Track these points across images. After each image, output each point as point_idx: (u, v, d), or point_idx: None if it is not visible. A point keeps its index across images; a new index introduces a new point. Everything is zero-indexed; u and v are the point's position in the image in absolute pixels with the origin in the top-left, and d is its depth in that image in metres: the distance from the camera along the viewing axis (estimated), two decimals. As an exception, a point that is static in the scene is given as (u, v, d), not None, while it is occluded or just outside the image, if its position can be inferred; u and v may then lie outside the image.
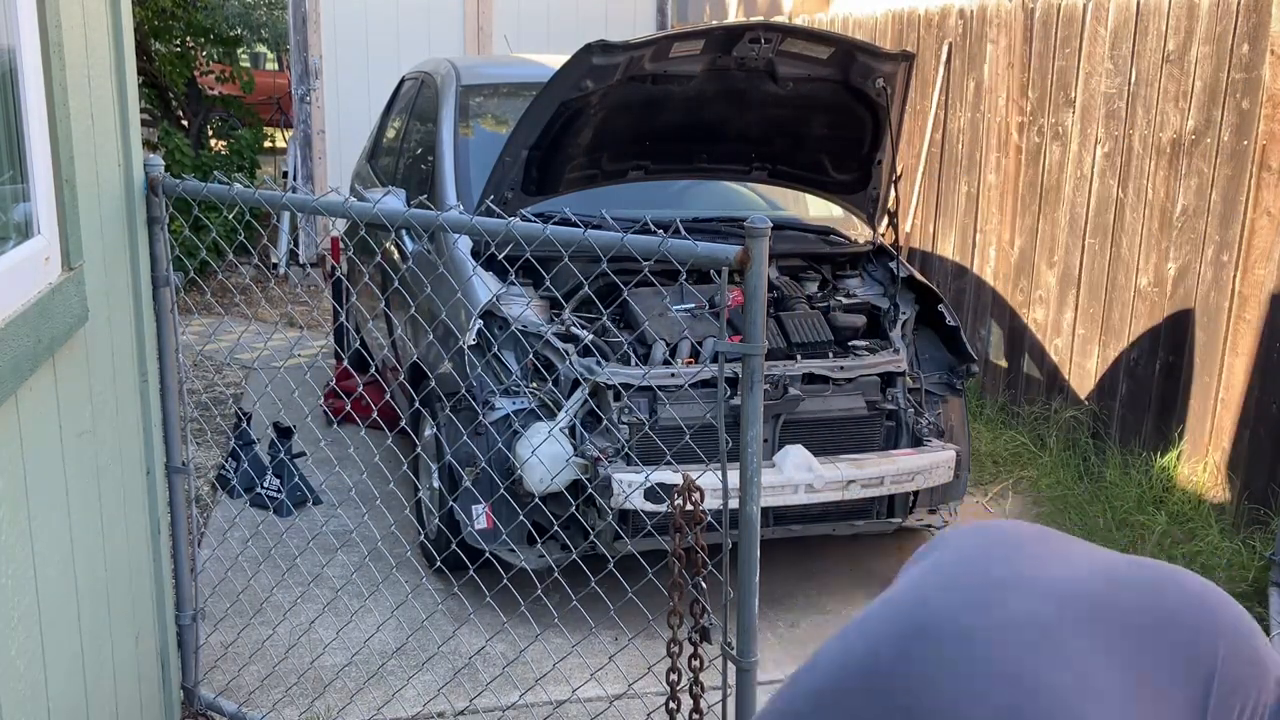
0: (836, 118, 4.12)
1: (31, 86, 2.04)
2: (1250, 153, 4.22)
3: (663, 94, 3.87)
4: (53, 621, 2.04)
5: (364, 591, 3.79)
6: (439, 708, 3.23)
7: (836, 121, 4.14)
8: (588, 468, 3.57)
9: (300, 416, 5.06)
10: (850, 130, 4.18)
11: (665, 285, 3.93)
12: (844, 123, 4.14)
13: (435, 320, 4.05)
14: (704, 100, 3.96)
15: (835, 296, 4.29)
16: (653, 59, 3.67)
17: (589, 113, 3.81)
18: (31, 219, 2.08)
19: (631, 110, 3.91)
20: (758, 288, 2.14)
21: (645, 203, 4.46)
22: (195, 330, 7.25)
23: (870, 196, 4.38)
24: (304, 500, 4.64)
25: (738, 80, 3.90)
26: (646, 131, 4.09)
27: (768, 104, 4.04)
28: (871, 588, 4.10)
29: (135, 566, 2.70)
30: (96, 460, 2.36)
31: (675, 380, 3.64)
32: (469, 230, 2.50)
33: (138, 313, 2.74)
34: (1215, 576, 3.90)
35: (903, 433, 3.94)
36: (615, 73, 3.64)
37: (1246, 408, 4.23)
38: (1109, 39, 4.94)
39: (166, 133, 9.38)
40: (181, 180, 2.81)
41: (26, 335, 1.88)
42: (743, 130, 4.18)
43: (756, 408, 2.20)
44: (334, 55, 8.83)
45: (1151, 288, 4.73)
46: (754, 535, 2.25)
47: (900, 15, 6.70)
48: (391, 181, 5.36)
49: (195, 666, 3.13)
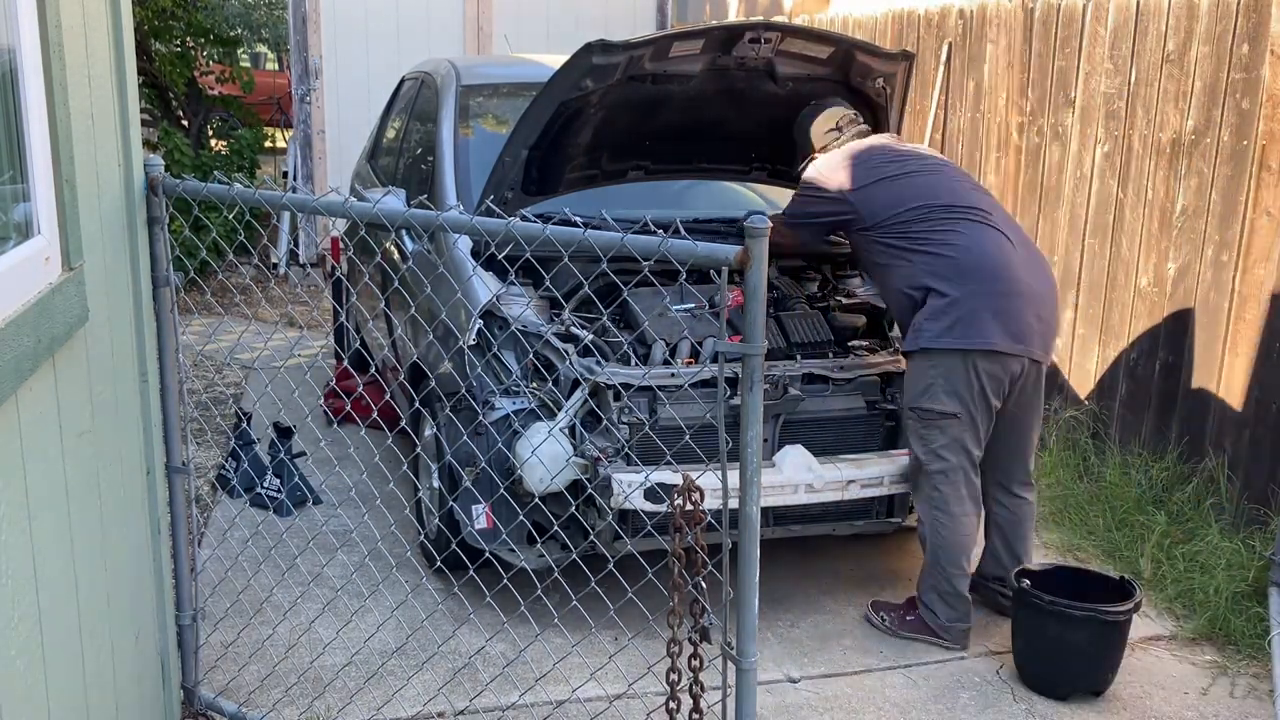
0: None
1: (31, 86, 2.04)
2: (1250, 153, 4.22)
3: (663, 94, 3.87)
4: (52, 621, 2.04)
5: (364, 591, 3.79)
6: (439, 708, 3.23)
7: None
8: (588, 468, 3.57)
9: (300, 416, 5.06)
10: None
11: (665, 285, 3.93)
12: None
13: (435, 320, 4.05)
14: (704, 100, 3.96)
15: (835, 296, 4.29)
16: (653, 59, 3.67)
17: (589, 113, 3.81)
18: (31, 219, 2.08)
19: (631, 110, 3.91)
20: (758, 288, 2.14)
21: (645, 203, 4.46)
22: (195, 330, 7.25)
23: None
24: (304, 500, 4.64)
25: (737, 80, 3.90)
26: (646, 131, 4.09)
27: (768, 104, 4.04)
28: (871, 588, 4.10)
29: (135, 566, 2.70)
30: (96, 460, 2.36)
31: (675, 380, 3.64)
32: (469, 230, 2.50)
33: (138, 313, 2.74)
34: (1215, 576, 3.90)
35: (902, 433, 3.94)
36: (615, 72, 3.64)
37: (1246, 408, 4.23)
38: (1109, 39, 4.94)
39: (166, 133, 9.38)
40: (181, 180, 2.81)
41: (26, 335, 1.88)
42: (743, 130, 4.18)
43: (756, 408, 2.20)
44: (334, 55, 8.83)
45: (1151, 288, 4.73)
46: (754, 535, 2.25)
47: (900, 15, 6.70)
48: (391, 181, 5.36)
49: (195, 666, 3.13)
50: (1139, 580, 3.92)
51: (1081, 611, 3.34)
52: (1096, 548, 4.35)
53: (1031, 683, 3.46)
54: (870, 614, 3.83)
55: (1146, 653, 3.70)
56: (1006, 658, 3.60)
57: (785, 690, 3.44)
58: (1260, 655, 3.63)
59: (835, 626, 3.83)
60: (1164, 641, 3.77)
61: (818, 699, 3.40)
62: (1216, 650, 3.71)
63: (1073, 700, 3.41)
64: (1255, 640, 3.67)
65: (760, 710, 3.20)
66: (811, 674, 3.53)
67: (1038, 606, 3.40)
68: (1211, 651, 3.71)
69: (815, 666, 3.58)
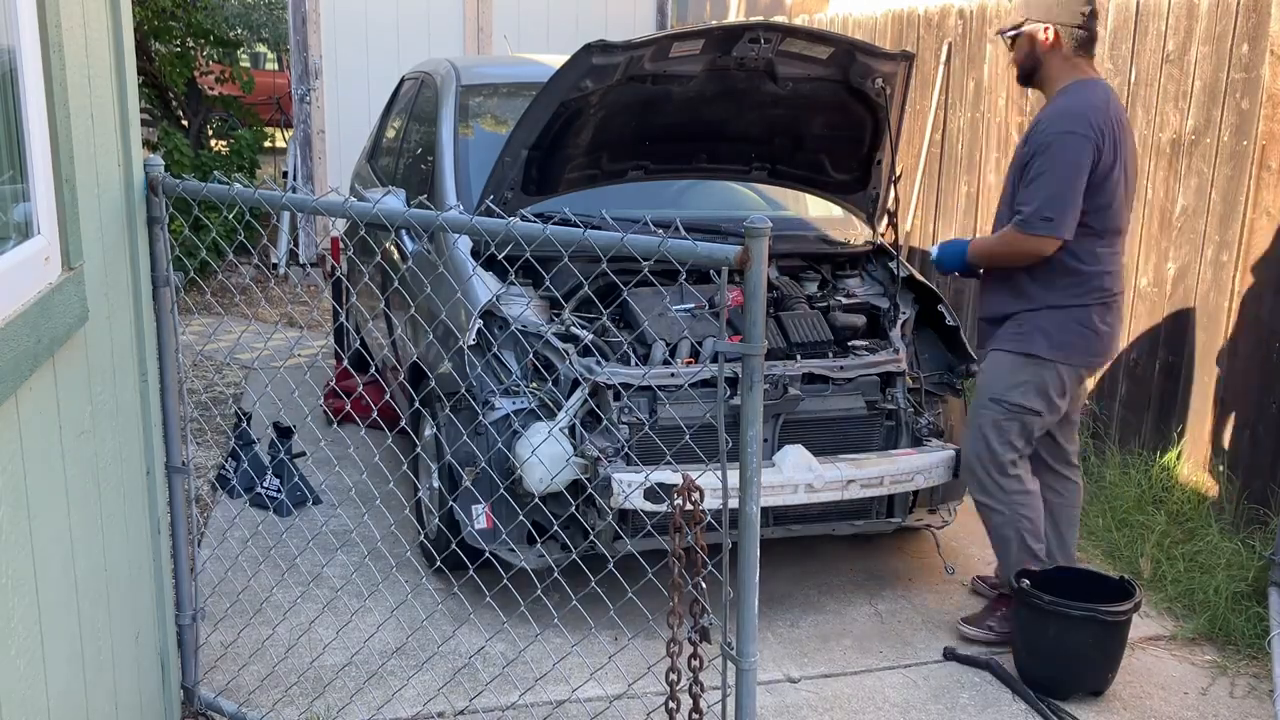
0: (836, 118, 4.12)
1: (31, 86, 2.04)
2: (1250, 153, 4.22)
3: (662, 94, 3.87)
4: (52, 621, 2.04)
5: (364, 591, 3.79)
6: (439, 708, 3.23)
7: (836, 122, 4.14)
8: (588, 468, 3.57)
9: (300, 416, 5.06)
10: (850, 130, 4.18)
11: (665, 285, 3.93)
12: (844, 123, 4.14)
13: (435, 320, 4.05)
14: (704, 100, 3.96)
15: (835, 296, 4.29)
16: (652, 59, 3.67)
17: (589, 113, 3.81)
18: (31, 219, 2.08)
19: (631, 110, 3.91)
20: (758, 287, 2.14)
21: (645, 203, 4.46)
22: (195, 330, 7.25)
23: (870, 196, 4.38)
24: (304, 500, 4.64)
25: (738, 80, 3.90)
26: (646, 132, 4.09)
27: (767, 104, 4.04)
28: (871, 588, 4.10)
29: (135, 566, 2.70)
30: (96, 460, 2.36)
31: (675, 380, 3.64)
32: (469, 230, 2.50)
33: (138, 313, 2.74)
34: (1215, 576, 3.90)
35: (902, 432, 3.94)
36: (615, 73, 3.64)
37: (1246, 408, 4.23)
38: (1108, 39, 4.94)
39: (166, 133, 9.38)
40: (181, 180, 2.81)
41: (26, 335, 1.88)
42: (743, 130, 4.18)
43: (756, 408, 2.20)
44: (334, 55, 8.83)
45: (1151, 288, 4.73)
46: (754, 535, 2.25)
47: (900, 15, 6.70)
48: (391, 181, 5.36)
49: (195, 666, 3.13)
50: (1139, 580, 3.92)
51: (1081, 611, 3.34)
52: (1096, 548, 4.36)
53: (1032, 683, 3.46)
54: (970, 631, 3.74)
55: (1146, 653, 3.70)
56: (1006, 658, 3.60)
57: (785, 690, 3.44)
58: (1260, 655, 3.63)
59: (835, 626, 3.83)
60: (1164, 641, 3.77)
61: (818, 699, 3.40)
62: (1216, 650, 3.71)
63: (1073, 700, 3.41)
64: (1255, 640, 3.68)
65: (760, 710, 3.20)
66: (811, 674, 3.53)
67: (1038, 606, 3.40)
68: (1211, 651, 3.71)
69: (815, 666, 3.58)
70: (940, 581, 4.16)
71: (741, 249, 2.13)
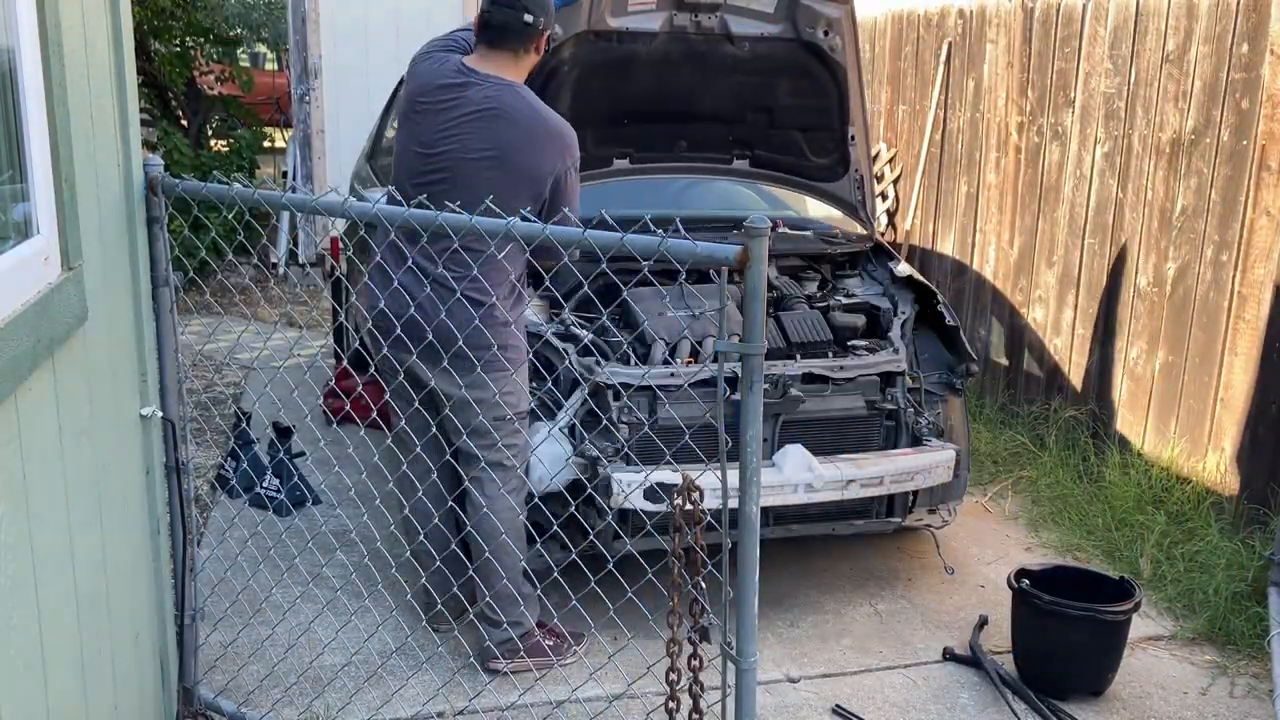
0: (800, 84, 4.27)
1: (31, 86, 2.04)
2: (1250, 152, 4.22)
3: (629, 55, 4.04)
4: (52, 621, 2.04)
5: (363, 591, 3.79)
6: (438, 708, 3.23)
7: (802, 89, 4.29)
8: (587, 467, 3.57)
9: (300, 416, 5.05)
10: (817, 99, 4.32)
11: (665, 285, 3.93)
12: (809, 89, 4.29)
13: (435, 320, 4.04)
14: (670, 68, 4.13)
15: (835, 296, 4.29)
16: (613, 11, 3.90)
17: (564, 71, 3.95)
18: (31, 219, 2.08)
19: (603, 74, 4.05)
20: (758, 287, 2.13)
21: (644, 202, 4.46)
22: (195, 330, 7.24)
23: (854, 181, 4.42)
24: (303, 500, 4.64)
25: (698, 45, 4.08)
26: (623, 106, 4.22)
27: (730, 69, 4.19)
28: (871, 588, 4.10)
29: (135, 566, 2.70)
30: (96, 460, 2.36)
31: (675, 380, 3.64)
32: (468, 230, 2.50)
33: (137, 312, 2.74)
34: (1215, 576, 3.90)
35: (902, 432, 3.94)
36: (579, 18, 3.84)
37: (1246, 408, 4.23)
38: (1108, 39, 4.94)
39: (166, 133, 9.37)
40: (181, 180, 2.81)
41: (26, 335, 1.88)
42: (715, 108, 4.31)
43: (756, 407, 2.20)
44: (334, 55, 8.82)
45: (1151, 288, 4.73)
46: (754, 535, 2.25)
47: (900, 15, 6.70)
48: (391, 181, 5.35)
49: (194, 666, 3.13)
50: (1139, 580, 3.92)
51: (1081, 611, 3.34)
52: (1096, 548, 4.35)
53: (1031, 683, 3.46)
54: None
55: (1146, 653, 3.70)
56: (1006, 658, 3.59)
57: (785, 690, 3.44)
58: (1260, 655, 3.63)
59: (835, 626, 3.83)
60: (1164, 641, 3.77)
61: (818, 699, 3.39)
62: (1216, 650, 3.71)
63: (1072, 700, 3.40)
64: (1255, 640, 3.67)
65: (760, 710, 3.19)
66: (811, 674, 3.53)
67: (1037, 606, 3.39)
68: (1211, 651, 3.71)
69: (815, 666, 3.58)
70: (940, 581, 4.16)
71: (741, 249, 2.13)
